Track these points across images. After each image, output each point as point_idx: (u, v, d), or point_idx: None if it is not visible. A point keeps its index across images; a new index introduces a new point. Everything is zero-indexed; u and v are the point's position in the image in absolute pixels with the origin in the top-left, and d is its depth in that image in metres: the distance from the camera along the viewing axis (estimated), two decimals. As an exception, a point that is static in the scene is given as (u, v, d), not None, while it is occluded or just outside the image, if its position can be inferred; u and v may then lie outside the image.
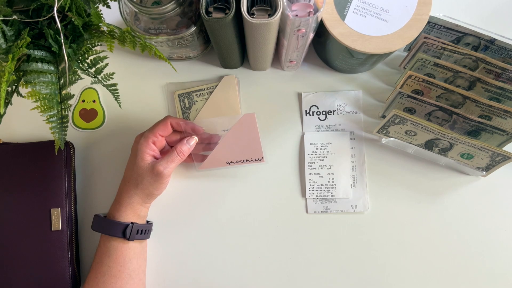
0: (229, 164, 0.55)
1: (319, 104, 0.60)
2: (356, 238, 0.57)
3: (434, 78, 0.54)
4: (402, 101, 0.54)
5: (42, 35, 0.42)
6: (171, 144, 0.54)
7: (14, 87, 0.43)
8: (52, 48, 0.41)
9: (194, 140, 0.52)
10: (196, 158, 0.56)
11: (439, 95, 0.53)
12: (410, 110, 0.55)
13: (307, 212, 0.58)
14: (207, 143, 0.56)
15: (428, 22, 0.52)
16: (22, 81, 0.42)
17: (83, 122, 0.61)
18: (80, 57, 0.44)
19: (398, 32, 0.49)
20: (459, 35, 0.53)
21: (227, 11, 0.45)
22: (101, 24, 0.42)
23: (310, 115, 0.60)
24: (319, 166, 0.59)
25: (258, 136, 0.53)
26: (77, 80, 0.44)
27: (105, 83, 0.49)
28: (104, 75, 0.48)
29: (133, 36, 0.44)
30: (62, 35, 0.40)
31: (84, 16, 0.42)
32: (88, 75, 0.47)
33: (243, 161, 0.55)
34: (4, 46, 0.40)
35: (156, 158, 0.51)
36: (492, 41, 0.52)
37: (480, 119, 0.51)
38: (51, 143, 0.57)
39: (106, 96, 0.61)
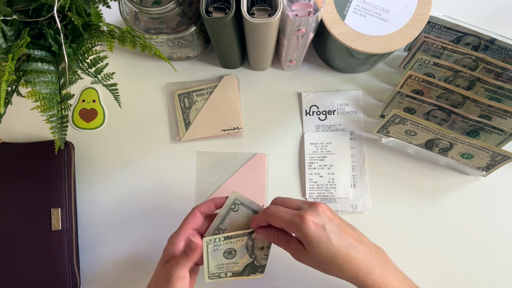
0: None
1: (319, 104, 0.60)
2: (356, 238, 0.57)
3: (434, 77, 0.54)
4: (402, 101, 0.54)
5: (42, 35, 0.42)
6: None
7: (14, 87, 0.43)
8: (52, 48, 0.41)
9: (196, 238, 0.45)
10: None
11: (439, 95, 0.53)
12: (410, 110, 0.55)
13: (307, 212, 0.58)
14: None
15: (428, 22, 0.52)
16: (22, 81, 0.42)
17: (83, 122, 0.61)
18: (80, 57, 0.44)
19: (398, 32, 0.49)
20: (459, 35, 0.53)
21: (227, 11, 0.45)
22: (101, 24, 0.42)
23: (310, 115, 0.60)
24: (319, 166, 0.59)
25: (264, 178, 0.58)
26: (77, 80, 0.44)
27: (105, 83, 0.49)
28: (104, 75, 0.48)
29: (133, 36, 0.44)
30: (62, 35, 0.40)
31: (84, 16, 0.42)
32: (88, 75, 0.47)
33: None
34: (4, 46, 0.39)
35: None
36: (492, 41, 0.52)
37: (478, 118, 0.51)
38: (51, 143, 0.57)
39: (106, 96, 0.61)
